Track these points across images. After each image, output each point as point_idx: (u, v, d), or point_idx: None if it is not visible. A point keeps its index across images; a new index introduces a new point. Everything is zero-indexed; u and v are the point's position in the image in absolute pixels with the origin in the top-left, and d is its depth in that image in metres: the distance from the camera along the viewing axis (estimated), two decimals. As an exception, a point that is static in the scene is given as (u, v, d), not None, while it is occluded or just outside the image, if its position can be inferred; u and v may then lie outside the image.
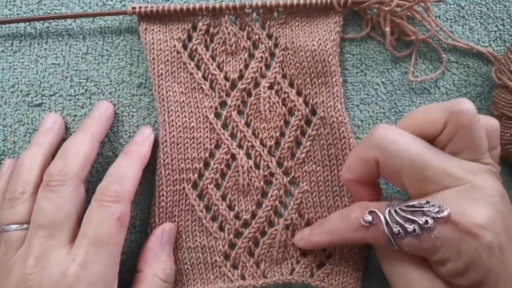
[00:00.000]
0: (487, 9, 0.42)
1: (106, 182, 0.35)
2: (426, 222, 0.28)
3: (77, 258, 0.32)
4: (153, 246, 0.37)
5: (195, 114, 0.40)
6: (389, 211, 0.30)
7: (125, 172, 0.35)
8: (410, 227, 0.29)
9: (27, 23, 0.42)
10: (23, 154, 0.37)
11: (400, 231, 0.29)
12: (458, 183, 0.29)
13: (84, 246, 0.32)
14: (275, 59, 0.40)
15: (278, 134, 0.40)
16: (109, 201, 0.34)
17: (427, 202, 0.29)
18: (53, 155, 0.37)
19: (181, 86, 0.40)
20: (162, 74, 0.39)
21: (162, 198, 0.38)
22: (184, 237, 0.39)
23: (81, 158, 0.35)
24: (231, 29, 0.40)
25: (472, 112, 0.30)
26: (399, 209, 0.30)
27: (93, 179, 0.40)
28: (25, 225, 0.34)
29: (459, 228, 0.28)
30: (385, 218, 0.30)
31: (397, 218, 0.30)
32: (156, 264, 0.36)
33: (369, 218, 0.31)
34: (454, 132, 0.31)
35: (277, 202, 0.39)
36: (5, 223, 0.34)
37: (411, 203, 0.30)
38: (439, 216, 0.28)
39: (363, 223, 0.31)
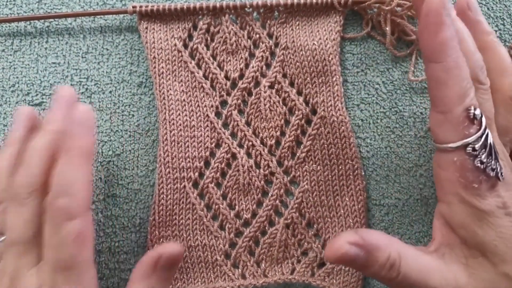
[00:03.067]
0: (487, 8, 0.42)
1: (51, 196, 0.29)
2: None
3: (44, 287, 0.29)
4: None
5: (196, 113, 0.39)
6: None
7: (70, 180, 0.29)
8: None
9: (28, 22, 0.42)
10: None
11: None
12: None
13: (48, 274, 0.29)
14: (276, 58, 0.40)
15: (278, 133, 0.40)
16: (61, 220, 0.28)
17: None
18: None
19: (182, 85, 0.40)
20: (162, 73, 0.39)
21: (162, 196, 0.38)
22: (184, 235, 0.39)
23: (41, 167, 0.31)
24: (232, 28, 0.40)
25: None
26: None
27: (93, 178, 0.39)
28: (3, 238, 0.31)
29: None
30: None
31: None
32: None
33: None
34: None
35: (277, 201, 0.39)
36: None
37: None
38: None
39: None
